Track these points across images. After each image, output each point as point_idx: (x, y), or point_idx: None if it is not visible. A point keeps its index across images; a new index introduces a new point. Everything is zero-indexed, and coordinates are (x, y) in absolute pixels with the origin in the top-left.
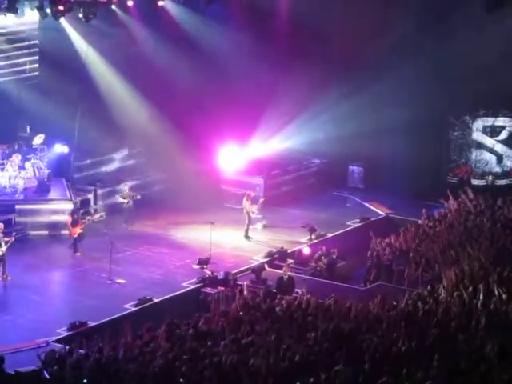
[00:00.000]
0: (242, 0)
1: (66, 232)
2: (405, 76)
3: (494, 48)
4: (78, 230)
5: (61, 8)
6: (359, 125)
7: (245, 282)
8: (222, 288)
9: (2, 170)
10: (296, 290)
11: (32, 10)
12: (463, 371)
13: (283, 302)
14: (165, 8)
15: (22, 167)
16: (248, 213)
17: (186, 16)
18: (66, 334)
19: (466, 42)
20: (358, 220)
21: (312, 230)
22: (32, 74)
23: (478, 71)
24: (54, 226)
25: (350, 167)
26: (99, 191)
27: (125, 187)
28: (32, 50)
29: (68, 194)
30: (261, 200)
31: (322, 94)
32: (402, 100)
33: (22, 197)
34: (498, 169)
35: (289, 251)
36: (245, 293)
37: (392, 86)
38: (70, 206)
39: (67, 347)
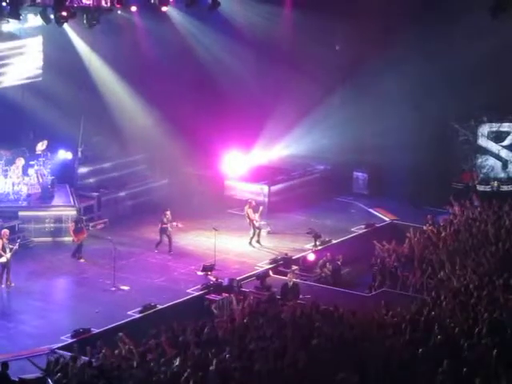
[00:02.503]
0: (245, 6)
1: (69, 239)
2: (409, 81)
3: (499, 52)
4: (81, 237)
5: (64, 14)
6: (363, 131)
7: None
8: (227, 295)
9: (6, 176)
10: (301, 296)
11: (35, 15)
12: (467, 378)
13: (288, 308)
14: (168, 14)
15: (25, 173)
16: (252, 221)
17: (189, 22)
18: (70, 340)
19: (471, 46)
20: (363, 226)
21: (317, 237)
22: (35, 79)
23: (483, 76)
24: (57, 233)
25: (355, 173)
26: (103, 198)
27: (167, 213)
28: (35, 56)
29: (72, 201)
30: (260, 208)
31: (326, 99)
32: (407, 105)
33: (25, 203)
34: (503, 174)
35: (293, 258)
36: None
37: (396, 91)
38: (73, 212)
39: (71, 354)
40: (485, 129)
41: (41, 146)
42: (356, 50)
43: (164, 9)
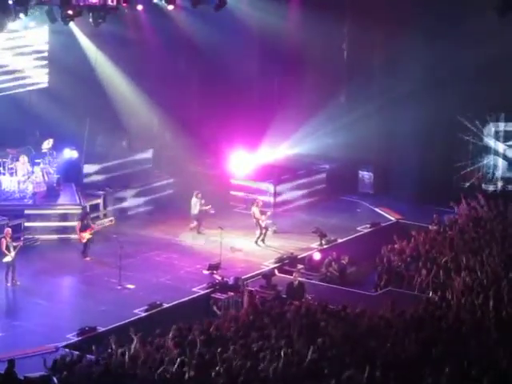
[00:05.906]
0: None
1: (75, 237)
2: (415, 81)
3: (506, 52)
4: (86, 236)
5: (70, 12)
6: (369, 130)
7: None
8: (232, 293)
9: (11, 174)
10: (306, 295)
11: (41, 14)
12: (474, 378)
13: (293, 307)
14: (175, 13)
15: (30, 172)
16: (258, 220)
17: (196, 21)
18: (76, 339)
19: (478, 45)
20: (369, 225)
21: (322, 236)
22: (41, 78)
23: (490, 75)
24: (63, 231)
25: (360, 172)
26: (109, 196)
27: (199, 195)
28: (41, 55)
29: (77, 199)
30: (268, 213)
31: (332, 99)
32: (413, 105)
33: (30, 202)
34: (509, 174)
35: (299, 257)
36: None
37: (402, 91)
38: (79, 210)
39: (76, 353)
40: (491, 128)
41: (47, 145)
42: (362, 48)
43: (170, 7)
